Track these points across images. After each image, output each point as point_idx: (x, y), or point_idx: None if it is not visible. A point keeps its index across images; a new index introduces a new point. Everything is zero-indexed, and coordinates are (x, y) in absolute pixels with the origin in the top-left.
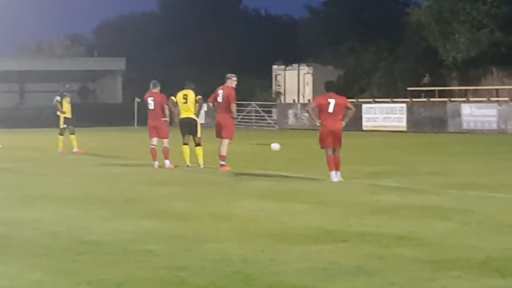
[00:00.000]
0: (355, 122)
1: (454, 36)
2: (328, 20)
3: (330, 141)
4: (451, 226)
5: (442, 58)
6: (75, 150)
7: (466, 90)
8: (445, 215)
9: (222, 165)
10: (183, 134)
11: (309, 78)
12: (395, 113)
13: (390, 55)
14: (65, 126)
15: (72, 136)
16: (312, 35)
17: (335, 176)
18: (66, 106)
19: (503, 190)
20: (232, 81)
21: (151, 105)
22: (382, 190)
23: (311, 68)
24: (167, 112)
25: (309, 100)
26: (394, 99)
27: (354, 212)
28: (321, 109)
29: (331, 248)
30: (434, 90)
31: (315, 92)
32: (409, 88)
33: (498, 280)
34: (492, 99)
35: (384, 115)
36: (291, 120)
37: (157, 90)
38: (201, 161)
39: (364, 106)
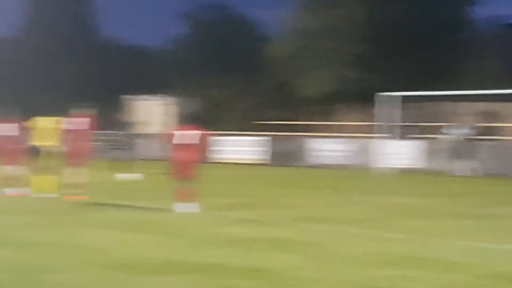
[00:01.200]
0: (209, 154)
1: (310, 72)
2: (188, 52)
3: (183, 172)
4: (299, 259)
5: (295, 93)
6: None
7: (318, 125)
8: (293, 248)
9: (74, 194)
10: (38, 162)
11: (164, 109)
12: (251, 146)
13: (246, 89)
14: None
15: None
16: (172, 66)
17: (185, 207)
18: None
19: (350, 224)
20: (85, 111)
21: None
22: (233, 222)
23: (167, 99)
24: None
25: (162, 131)
26: (250, 132)
27: (204, 244)
28: (175, 140)
29: (178, 280)
30: (288, 124)
31: (169, 123)
32: (263, 122)
33: None
34: (341, 134)
35: (240, 147)
36: (142, 150)
37: (12, 117)
38: (52, 189)
39: (220, 138)
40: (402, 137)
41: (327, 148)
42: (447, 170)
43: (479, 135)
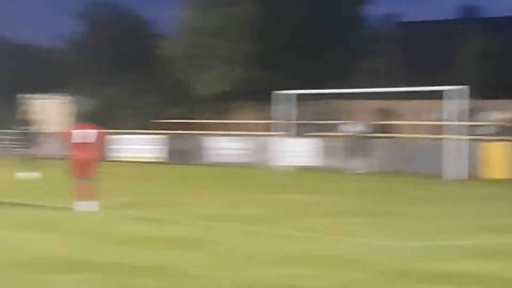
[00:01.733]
0: (106, 153)
1: (205, 70)
2: (82, 50)
3: (82, 170)
4: (194, 257)
5: (192, 92)
6: None
7: (215, 123)
8: (189, 245)
9: None
10: None
11: (61, 108)
12: (148, 145)
13: (142, 87)
14: None
15: None
16: (68, 64)
17: (85, 205)
18: None
19: (249, 222)
20: None
21: None
22: (132, 221)
23: (63, 97)
24: None
25: (59, 130)
26: (147, 131)
27: (102, 242)
28: (73, 139)
29: (79, 278)
30: (185, 122)
31: (66, 121)
32: (160, 120)
33: None
34: (239, 132)
35: (137, 146)
36: (39, 148)
37: None
38: None
39: (117, 137)
40: (299, 135)
41: (224, 146)
42: (344, 168)
43: (374, 132)
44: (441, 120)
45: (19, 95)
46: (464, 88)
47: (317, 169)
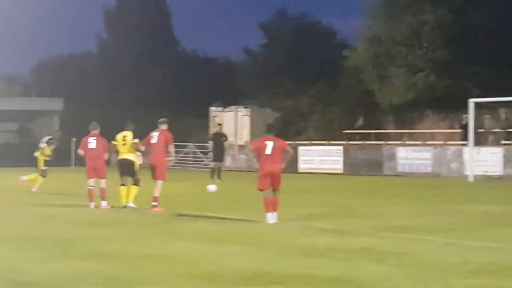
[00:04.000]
0: (292, 164)
1: (390, 80)
2: (266, 62)
3: (268, 182)
4: (385, 269)
5: (378, 101)
6: (33, 189)
7: (401, 133)
8: (379, 257)
9: (153, 206)
10: (121, 175)
11: (246, 120)
12: (332, 156)
13: (327, 98)
14: (45, 167)
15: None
16: (249, 77)
17: (271, 218)
18: (48, 151)
19: (435, 233)
20: (164, 126)
21: (92, 144)
22: (318, 232)
23: (248, 110)
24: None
25: (246, 142)
26: (331, 142)
27: (289, 254)
28: (259, 151)
29: None
30: (370, 133)
31: (252, 134)
32: (345, 131)
33: None
34: (427, 142)
35: (321, 157)
36: (228, 161)
37: (97, 131)
38: (131, 200)
39: (300, 148)
40: (487, 143)
41: (409, 156)
42: None
43: None
44: None
45: (210, 108)
46: None
47: (502, 178)
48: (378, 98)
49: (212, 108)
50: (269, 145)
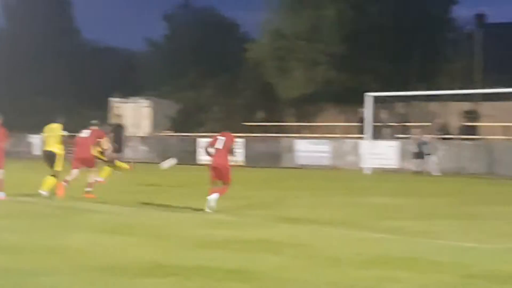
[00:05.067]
0: (191, 156)
1: (291, 73)
2: (168, 54)
3: (215, 176)
4: (281, 260)
5: (278, 94)
6: None
7: (300, 126)
8: (276, 249)
9: (87, 192)
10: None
11: (147, 112)
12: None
13: (228, 90)
14: None
15: None
16: (152, 68)
17: (213, 198)
18: None
19: (332, 225)
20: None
21: None
22: (216, 224)
23: (149, 101)
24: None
25: (147, 134)
26: (231, 134)
27: (186, 246)
28: (211, 146)
29: (163, 282)
30: (271, 125)
31: (153, 125)
32: (245, 124)
33: None
34: (325, 135)
35: None
36: (128, 153)
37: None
38: (45, 189)
39: (201, 140)
40: (383, 137)
41: (308, 149)
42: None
43: (460, 134)
44: None
45: (110, 99)
46: None
47: (398, 171)
48: (279, 91)
49: (112, 99)
50: (221, 140)
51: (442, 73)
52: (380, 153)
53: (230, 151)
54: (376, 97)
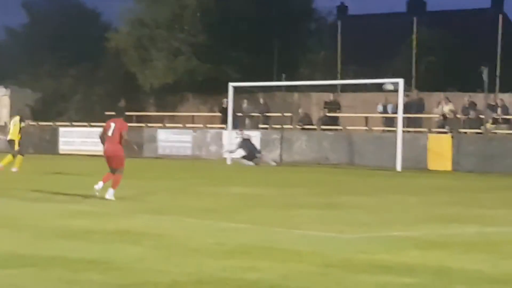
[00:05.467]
0: (52, 146)
1: (152, 63)
2: (27, 42)
3: (108, 162)
4: (141, 251)
5: (140, 84)
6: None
7: (162, 116)
8: (135, 239)
9: None
10: None
11: (6, 101)
12: (93, 138)
13: (89, 79)
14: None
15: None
16: (10, 57)
17: (100, 186)
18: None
19: (193, 215)
20: None
21: None
22: (75, 214)
23: (8, 90)
24: None
25: (5, 123)
26: (92, 123)
27: (45, 236)
28: (104, 132)
29: (19, 272)
30: (132, 115)
31: (12, 114)
32: (107, 113)
33: None
34: (187, 125)
35: (82, 139)
36: None
37: None
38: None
39: (61, 129)
40: (244, 127)
41: (169, 138)
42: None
43: (323, 124)
44: (387, 113)
45: None
46: (402, 80)
47: (260, 161)
48: (140, 80)
49: None
50: (112, 126)
51: (304, 63)
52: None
53: (122, 137)
54: (238, 87)
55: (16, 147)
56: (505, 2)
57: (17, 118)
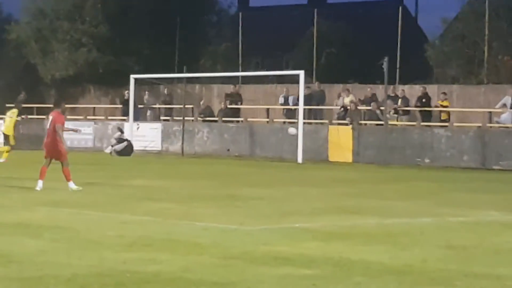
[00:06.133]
0: None
1: (53, 54)
2: None
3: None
4: (40, 244)
5: (41, 76)
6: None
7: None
8: (35, 232)
9: None
10: None
11: None
12: None
13: None
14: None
15: None
16: None
17: (40, 184)
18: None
19: (93, 208)
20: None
21: None
22: None
23: None
24: None
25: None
26: None
27: None
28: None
29: None
30: (33, 107)
31: None
32: (7, 105)
33: None
34: (89, 117)
35: None
36: None
37: None
38: None
39: None
40: (146, 119)
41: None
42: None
43: (225, 116)
44: (288, 104)
45: None
46: (303, 72)
47: (161, 153)
48: (41, 72)
49: None
50: (49, 119)
51: (205, 55)
52: (143, 135)
53: (58, 130)
54: (139, 79)
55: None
56: None
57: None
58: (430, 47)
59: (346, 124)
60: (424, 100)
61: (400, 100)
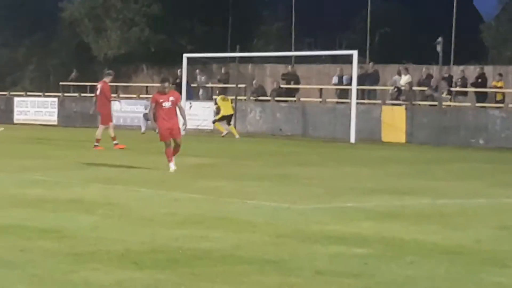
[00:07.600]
0: (7, 115)
1: (106, 33)
2: None
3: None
4: (93, 219)
5: (94, 54)
6: None
7: (117, 86)
8: (88, 208)
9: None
10: None
11: None
12: (47, 107)
13: (43, 49)
14: None
15: None
16: None
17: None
18: None
19: (146, 185)
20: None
21: None
22: (29, 183)
23: None
24: None
25: None
26: (46, 93)
27: (2, 205)
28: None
29: None
30: (86, 85)
31: None
32: (61, 83)
33: (135, 273)
34: (142, 96)
35: (36, 108)
36: None
37: None
38: None
39: (16, 99)
40: (200, 98)
41: (127, 109)
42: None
43: (279, 96)
44: (342, 84)
45: None
46: (356, 52)
47: (213, 132)
48: (94, 51)
49: None
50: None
51: (258, 35)
52: (196, 114)
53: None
54: (192, 59)
55: None
56: None
57: None
58: (485, 27)
59: (400, 105)
60: (480, 80)
61: (459, 80)
